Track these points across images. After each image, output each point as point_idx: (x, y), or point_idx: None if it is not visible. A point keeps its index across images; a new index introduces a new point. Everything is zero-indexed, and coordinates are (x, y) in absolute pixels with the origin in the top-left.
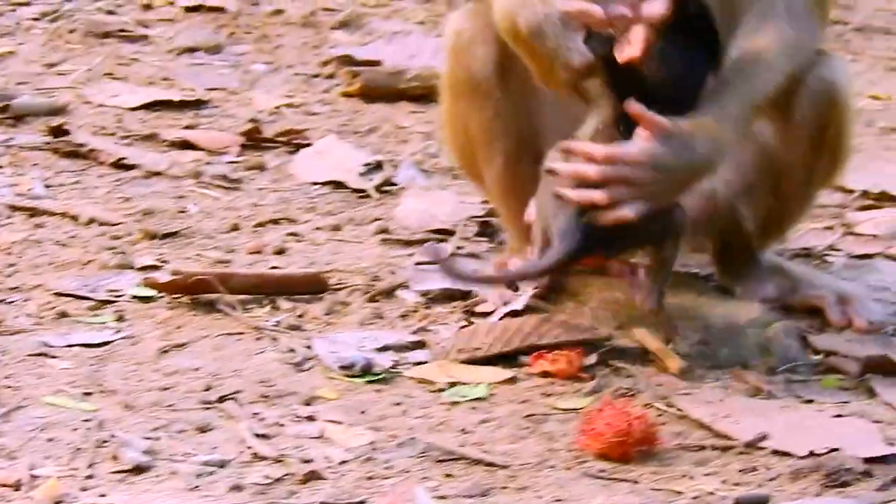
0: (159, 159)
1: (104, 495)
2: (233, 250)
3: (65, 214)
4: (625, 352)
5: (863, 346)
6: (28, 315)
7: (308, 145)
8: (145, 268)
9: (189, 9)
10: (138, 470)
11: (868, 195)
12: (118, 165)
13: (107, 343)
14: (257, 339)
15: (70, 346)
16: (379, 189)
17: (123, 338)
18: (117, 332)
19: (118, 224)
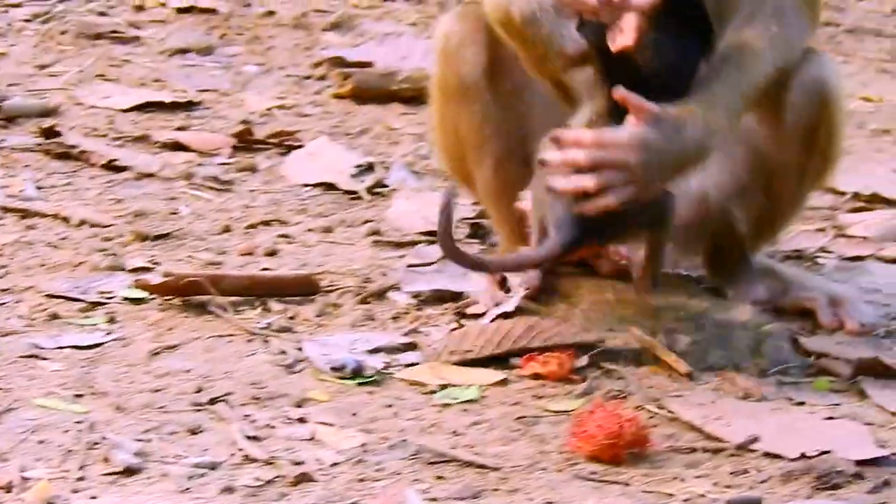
0: (151, 161)
1: (95, 497)
2: (224, 252)
3: (56, 216)
4: (616, 354)
5: (854, 349)
6: (19, 317)
7: (299, 147)
8: (137, 269)
9: (181, 10)
10: (129, 472)
11: (859, 197)
12: (110, 167)
13: (98, 345)
14: (248, 341)
15: (61, 347)
16: (370, 191)
17: (115, 339)
18: (108, 333)
19: (109, 226)
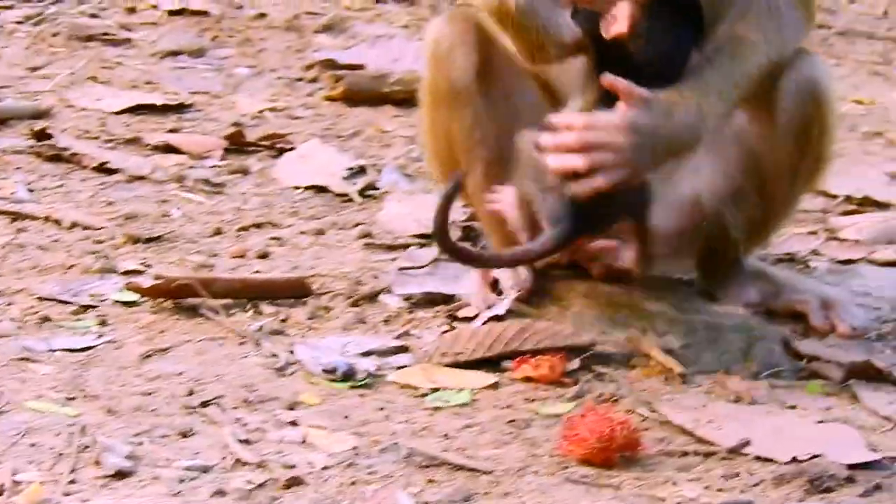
0: (142, 163)
1: (87, 500)
2: (216, 255)
3: (48, 218)
4: (607, 357)
5: (846, 352)
6: (11, 319)
7: (291, 149)
8: (128, 272)
9: (172, 12)
10: (121, 475)
11: (851, 200)
12: (101, 169)
13: (89, 347)
14: (240, 344)
15: (52, 350)
16: (362, 193)
17: (106, 342)
18: (100, 336)
19: (101, 228)
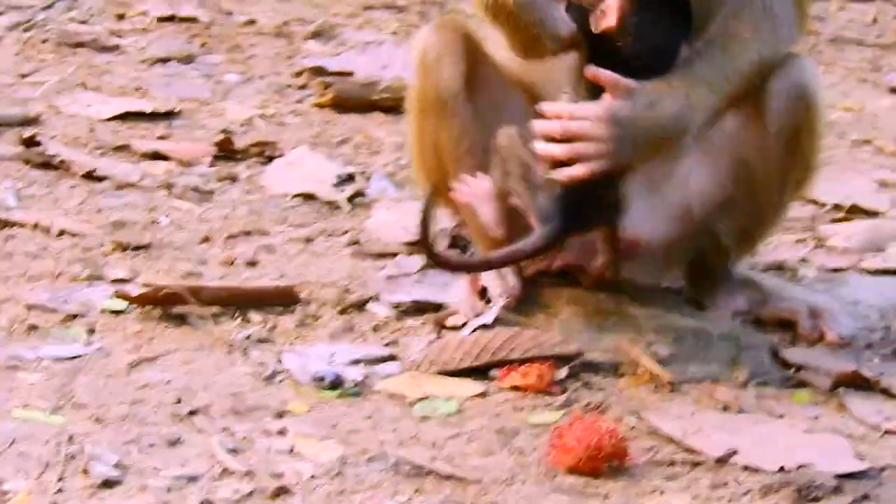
0: (131, 170)
1: None
2: (204, 262)
3: (36, 226)
4: (595, 365)
5: (834, 360)
6: None
7: (280, 156)
8: (117, 280)
9: (162, 19)
10: (108, 484)
11: (840, 208)
12: (90, 177)
13: (77, 356)
14: (228, 353)
15: (40, 358)
16: (351, 201)
17: (94, 351)
18: (88, 344)
19: (90, 236)
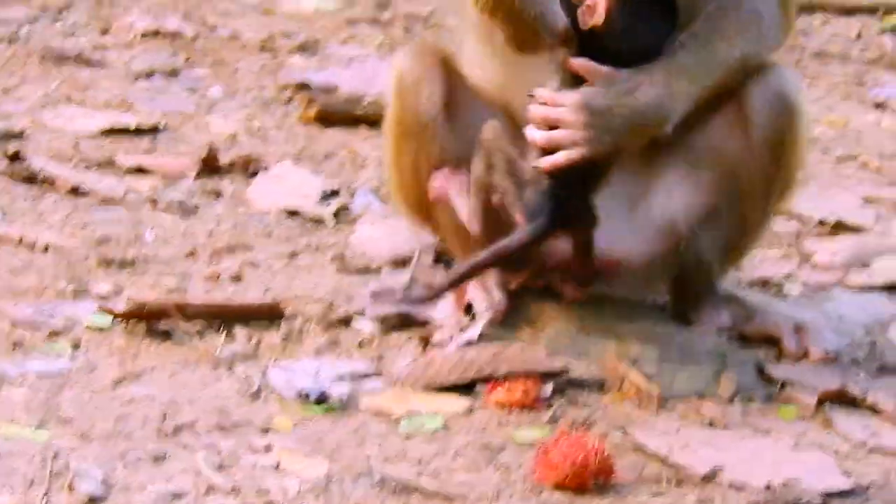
0: (115, 185)
1: None
2: (189, 277)
3: (20, 241)
4: (581, 381)
5: (820, 377)
6: None
7: (265, 171)
8: (101, 295)
9: (146, 33)
10: (93, 501)
11: (824, 224)
12: (74, 191)
13: (62, 371)
14: (213, 368)
15: (25, 374)
16: (335, 215)
17: (79, 366)
18: (73, 360)
19: (74, 251)
